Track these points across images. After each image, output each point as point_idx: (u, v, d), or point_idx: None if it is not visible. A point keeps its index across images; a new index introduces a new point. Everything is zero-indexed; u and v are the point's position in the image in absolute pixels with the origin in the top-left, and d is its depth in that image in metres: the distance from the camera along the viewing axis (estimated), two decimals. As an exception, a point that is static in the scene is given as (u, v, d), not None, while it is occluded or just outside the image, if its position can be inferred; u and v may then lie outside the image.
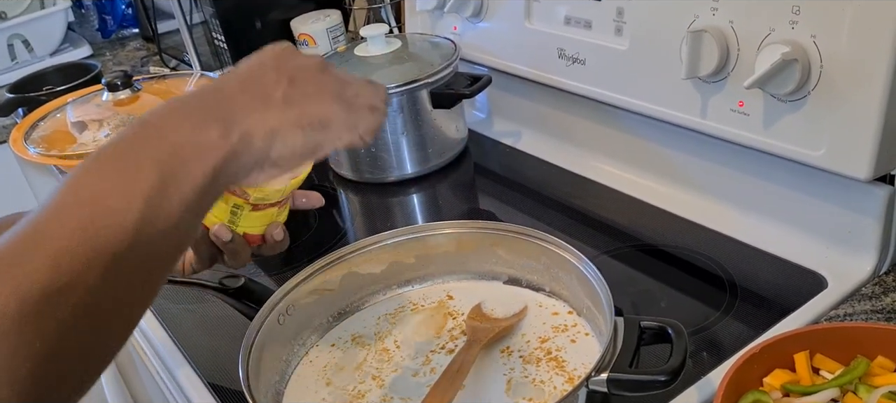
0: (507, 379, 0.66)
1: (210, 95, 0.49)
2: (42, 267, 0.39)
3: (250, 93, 0.50)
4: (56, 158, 1.17)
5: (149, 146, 0.45)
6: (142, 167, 0.43)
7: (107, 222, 0.41)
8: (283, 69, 0.52)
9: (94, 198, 0.42)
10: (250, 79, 0.51)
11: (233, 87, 0.50)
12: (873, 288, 0.74)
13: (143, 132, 0.46)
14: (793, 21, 0.69)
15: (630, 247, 0.86)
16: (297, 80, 0.51)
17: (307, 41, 1.30)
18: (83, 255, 0.40)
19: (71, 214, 0.41)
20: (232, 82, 0.50)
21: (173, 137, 0.45)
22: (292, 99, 0.51)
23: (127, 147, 0.45)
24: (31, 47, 1.76)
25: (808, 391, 0.57)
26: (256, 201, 0.63)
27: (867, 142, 0.67)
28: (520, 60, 1.02)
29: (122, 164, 0.44)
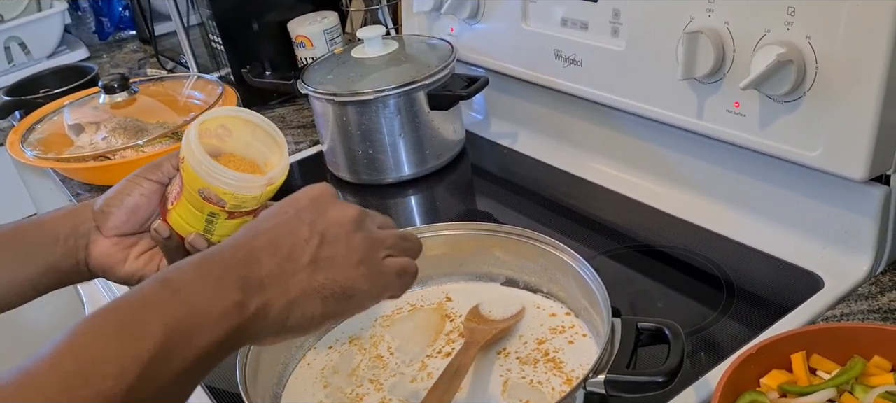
0: (504, 381, 0.67)
1: (238, 252, 0.49)
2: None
3: (279, 255, 0.49)
4: (53, 161, 1.17)
5: (161, 307, 0.44)
6: (148, 331, 0.43)
7: (97, 388, 0.41)
8: (317, 224, 0.51)
9: (90, 363, 0.41)
10: (282, 234, 0.50)
11: (262, 243, 0.49)
12: (870, 288, 0.74)
13: (160, 291, 0.46)
14: (788, 22, 0.69)
15: (627, 248, 0.86)
16: (328, 240, 0.51)
17: (304, 43, 1.30)
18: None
19: (62, 376, 0.41)
20: (263, 236, 0.50)
21: (190, 300, 0.45)
22: (319, 263, 0.50)
23: (139, 305, 0.45)
24: (27, 50, 1.76)
25: (805, 391, 0.57)
26: (232, 209, 0.61)
27: (863, 142, 0.68)
28: (517, 62, 1.02)
29: (127, 327, 0.43)
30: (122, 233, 0.65)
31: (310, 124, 1.29)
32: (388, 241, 0.54)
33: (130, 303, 0.45)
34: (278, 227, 0.51)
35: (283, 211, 0.52)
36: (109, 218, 0.64)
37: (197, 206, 0.61)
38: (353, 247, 0.51)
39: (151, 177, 0.65)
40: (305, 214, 0.52)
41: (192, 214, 0.62)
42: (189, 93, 1.33)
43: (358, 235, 0.52)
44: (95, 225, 0.64)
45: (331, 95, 1.03)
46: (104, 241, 0.64)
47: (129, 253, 0.65)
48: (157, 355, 0.42)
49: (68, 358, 0.41)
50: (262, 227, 0.51)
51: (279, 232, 0.50)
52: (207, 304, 0.45)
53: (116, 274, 0.65)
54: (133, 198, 0.64)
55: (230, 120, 0.62)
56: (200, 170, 0.59)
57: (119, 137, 1.19)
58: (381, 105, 1.01)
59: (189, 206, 0.62)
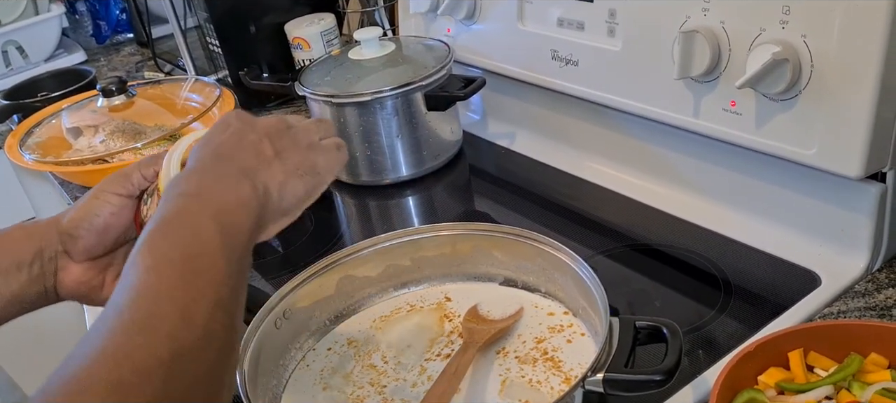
0: (503, 380, 0.67)
1: (218, 159, 0.54)
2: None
3: (249, 153, 0.55)
4: (51, 165, 1.17)
5: (199, 210, 0.49)
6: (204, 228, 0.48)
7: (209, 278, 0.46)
8: (257, 131, 0.57)
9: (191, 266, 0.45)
10: (238, 143, 0.55)
11: (229, 150, 0.55)
12: (866, 285, 0.75)
13: (187, 201, 0.50)
14: (783, 21, 0.70)
15: (624, 247, 0.86)
16: (275, 137, 0.57)
17: (301, 45, 1.30)
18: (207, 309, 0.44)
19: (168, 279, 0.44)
20: (224, 148, 0.55)
21: (216, 197, 0.51)
22: (282, 154, 0.56)
23: (183, 217, 0.49)
24: (25, 53, 1.76)
25: (803, 388, 0.57)
26: None
27: (858, 140, 0.68)
28: (513, 62, 1.02)
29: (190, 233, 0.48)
30: (94, 256, 0.61)
31: (308, 126, 1.29)
32: (312, 127, 0.61)
33: (170, 217, 0.49)
34: (231, 140, 0.56)
35: (220, 131, 0.57)
36: (79, 241, 0.60)
37: None
38: (296, 139, 0.58)
39: (120, 192, 0.61)
40: (243, 127, 0.57)
41: None
42: (187, 95, 1.33)
43: (292, 130, 0.59)
44: (63, 250, 0.60)
45: (328, 97, 1.03)
46: (75, 267, 0.60)
47: (104, 276, 0.62)
48: (223, 245, 0.47)
49: (165, 265, 0.45)
50: (215, 143, 0.56)
51: (234, 142, 0.56)
52: (230, 195, 0.51)
53: (95, 299, 0.62)
54: (102, 219, 0.60)
55: None
56: None
57: (117, 140, 1.20)
58: (378, 106, 1.01)
59: None
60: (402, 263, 0.79)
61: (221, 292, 0.45)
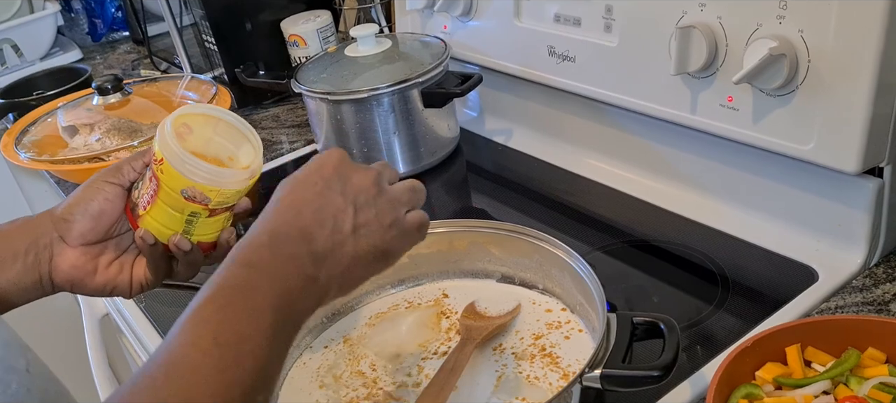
0: (500, 377, 0.67)
1: (293, 231, 0.53)
2: None
3: (327, 228, 0.53)
4: (47, 163, 1.17)
5: (261, 288, 0.49)
6: (260, 307, 0.48)
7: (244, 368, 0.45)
8: (347, 193, 0.55)
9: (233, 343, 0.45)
10: (323, 208, 0.54)
11: (310, 219, 0.53)
12: (863, 280, 0.75)
13: (251, 275, 0.49)
14: (780, 16, 0.70)
15: (622, 243, 0.86)
16: (361, 207, 0.55)
17: (298, 42, 1.30)
18: None
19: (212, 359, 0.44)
20: (307, 211, 0.54)
21: (278, 278, 0.50)
22: (360, 231, 0.55)
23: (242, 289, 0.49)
24: (20, 52, 1.76)
25: (800, 383, 0.57)
26: (215, 206, 0.61)
27: (855, 135, 0.68)
28: (510, 58, 1.02)
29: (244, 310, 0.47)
30: (88, 242, 0.61)
31: (304, 123, 1.29)
32: (404, 198, 0.58)
33: (238, 289, 0.48)
34: (317, 201, 0.54)
35: (312, 182, 0.55)
36: (73, 226, 0.60)
37: (177, 208, 0.59)
38: (382, 211, 0.56)
39: (113, 181, 0.62)
40: (334, 184, 0.55)
41: (171, 216, 0.60)
42: (183, 93, 1.32)
43: (382, 198, 0.56)
44: (58, 236, 0.61)
45: (325, 94, 1.03)
46: (70, 252, 0.61)
47: (97, 263, 0.62)
48: (274, 329, 0.47)
49: (212, 346, 0.44)
50: (301, 200, 0.54)
51: (319, 205, 0.54)
52: (296, 282, 0.50)
53: (87, 286, 0.62)
54: (97, 204, 0.61)
55: (190, 117, 0.61)
56: (184, 170, 0.58)
57: (113, 138, 1.19)
58: (375, 103, 1.01)
59: (167, 209, 0.60)
60: (400, 260, 0.78)
61: (261, 378, 0.46)
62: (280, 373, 0.50)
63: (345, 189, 0.55)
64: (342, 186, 0.55)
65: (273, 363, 0.47)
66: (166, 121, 0.60)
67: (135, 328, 0.87)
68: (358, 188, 0.56)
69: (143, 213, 0.61)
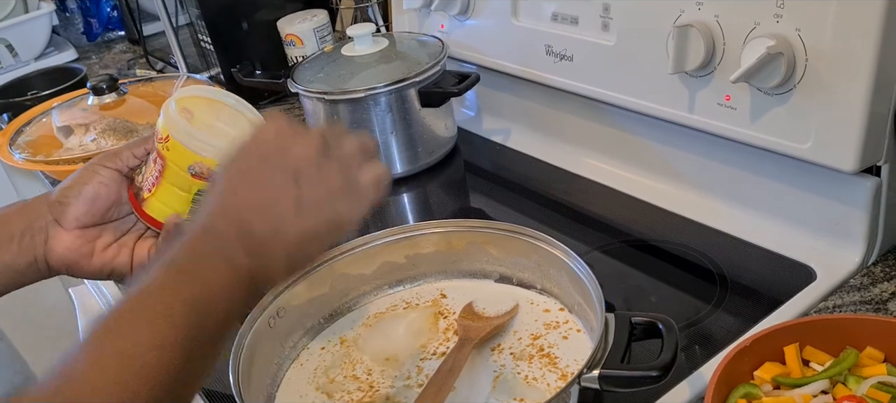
0: (498, 377, 0.66)
1: (230, 223, 0.50)
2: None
3: (266, 214, 0.50)
4: (42, 164, 1.16)
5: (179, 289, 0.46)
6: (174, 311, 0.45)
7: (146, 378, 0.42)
8: (287, 167, 0.51)
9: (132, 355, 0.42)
10: (261, 191, 0.51)
11: (247, 208, 0.50)
12: (861, 279, 0.75)
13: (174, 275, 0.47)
14: (777, 15, 0.70)
15: (620, 243, 0.86)
16: (304, 180, 0.51)
17: (294, 41, 1.30)
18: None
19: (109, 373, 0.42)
20: (244, 200, 0.51)
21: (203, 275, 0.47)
22: (305, 206, 0.51)
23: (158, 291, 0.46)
24: (15, 52, 1.75)
25: (799, 383, 0.57)
26: None
27: (853, 134, 0.68)
28: (507, 58, 1.02)
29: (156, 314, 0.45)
30: (83, 225, 0.61)
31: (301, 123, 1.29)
32: (354, 156, 0.55)
33: (151, 291, 0.46)
34: (254, 185, 0.52)
35: (249, 165, 0.52)
36: (68, 209, 0.61)
37: (184, 186, 0.59)
38: (329, 178, 0.52)
39: (110, 165, 0.62)
40: (273, 160, 0.52)
41: (177, 196, 0.59)
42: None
43: (329, 165, 0.53)
44: (53, 219, 0.61)
45: (321, 94, 1.02)
46: (65, 235, 0.61)
47: (94, 246, 0.62)
48: (189, 333, 0.44)
49: (110, 357, 0.42)
50: (238, 187, 0.52)
51: (256, 189, 0.51)
52: (219, 278, 0.48)
53: (83, 269, 0.62)
54: (92, 187, 0.61)
55: (192, 101, 0.60)
56: (192, 144, 0.57)
57: (109, 139, 1.19)
58: (372, 103, 1.01)
59: (173, 189, 0.59)
60: (397, 261, 0.78)
61: (171, 388, 0.43)
62: (200, 379, 0.47)
63: (285, 163, 0.52)
64: (282, 161, 0.52)
65: (189, 370, 0.44)
66: (170, 101, 0.59)
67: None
68: (300, 159, 0.52)
69: (147, 196, 0.61)
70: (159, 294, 0.46)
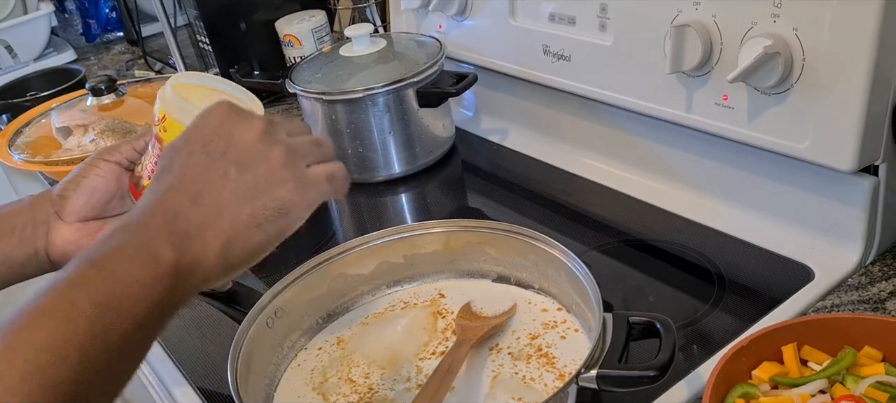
0: (496, 377, 0.66)
1: (157, 211, 0.47)
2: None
3: (199, 201, 0.47)
4: (41, 164, 1.16)
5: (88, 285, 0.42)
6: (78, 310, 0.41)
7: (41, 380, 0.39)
8: (228, 153, 0.49)
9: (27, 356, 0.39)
10: (196, 177, 0.48)
11: (179, 194, 0.48)
12: (859, 278, 0.75)
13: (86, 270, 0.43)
14: (774, 14, 0.70)
15: (618, 243, 0.86)
16: (245, 166, 0.49)
17: (292, 42, 1.30)
18: None
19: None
20: (177, 186, 0.48)
21: (117, 272, 0.43)
22: (243, 194, 0.48)
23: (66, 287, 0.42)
24: (14, 53, 1.75)
25: (797, 382, 0.57)
26: None
27: (850, 133, 0.68)
28: (505, 58, 1.02)
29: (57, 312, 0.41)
30: (83, 218, 0.62)
31: (299, 123, 1.29)
32: (304, 149, 0.52)
33: (57, 287, 0.42)
34: (190, 171, 0.49)
35: (188, 150, 0.50)
36: (68, 202, 0.62)
37: None
38: (272, 164, 0.49)
39: (109, 158, 0.63)
40: (213, 146, 0.49)
41: None
42: (177, 94, 1.32)
43: (273, 150, 0.50)
44: (54, 212, 0.62)
45: (319, 94, 1.02)
46: (66, 229, 0.61)
47: (95, 239, 0.62)
48: (93, 333, 0.41)
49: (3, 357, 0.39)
50: (174, 175, 0.49)
51: (192, 175, 0.48)
52: (136, 272, 0.44)
53: None
54: (90, 180, 0.62)
55: (187, 89, 0.60)
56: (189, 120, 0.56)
57: (107, 139, 1.19)
58: (370, 103, 1.01)
59: None
60: (395, 261, 0.78)
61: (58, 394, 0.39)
62: (117, 382, 0.43)
63: (227, 150, 0.49)
64: (223, 146, 0.49)
65: (97, 372, 0.41)
66: (166, 85, 0.59)
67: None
68: (241, 144, 0.49)
69: (147, 182, 0.61)
70: (66, 290, 0.42)
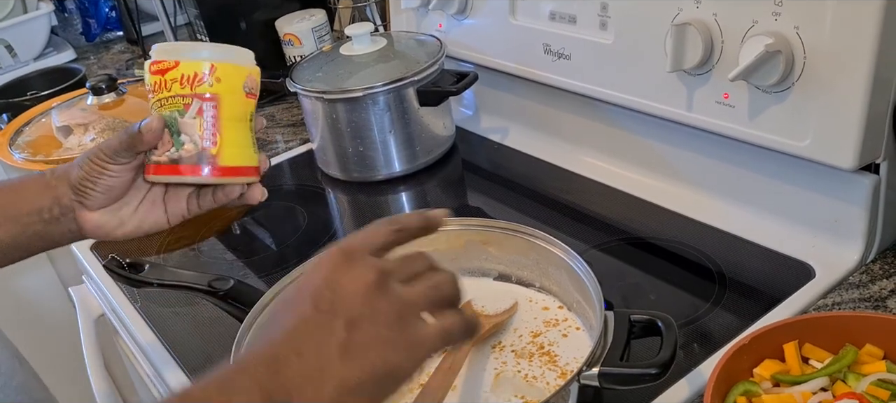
0: (498, 375, 0.67)
1: (262, 359, 0.44)
2: None
3: (304, 354, 0.44)
4: (42, 163, 1.16)
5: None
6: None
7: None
8: (336, 306, 0.45)
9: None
10: (303, 327, 0.45)
11: (285, 345, 0.45)
12: (860, 276, 0.75)
13: None
14: (776, 13, 0.70)
15: (619, 241, 0.86)
16: (355, 320, 0.45)
17: (292, 41, 1.30)
18: None
19: None
20: (284, 336, 0.45)
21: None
22: (352, 352, 0.44)
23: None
24: (14, 52, 1.75)
25: (798, 380, 0.57)
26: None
27: (851, 131, 0.68)
28: (505, 56, 1.02)
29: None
30: (105, 206, 0.64)
31: (299, 122, 1.29)
32: (419, 300, 0.48)
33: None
34: (298, 321, 0.46)
35: (300, 300, 0.47)
36: (87, 199, 0.63)
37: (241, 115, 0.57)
38: (382, 322, 0.45)
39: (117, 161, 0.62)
40: (322, 297, 0.46)
41: (239, 131, 0.58)
42: (177, 93, 1.32)
43: (383, 302, 0.46)
44: (78, 201, 0.64)
45: (320, 93, 1.02)
46: (91, 215, 0.64)
47: (121, 214, 0.65)
48: None
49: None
50: (282, 325, 0.46)
51: (299, 325, 0.45)
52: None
53: (117, 236, 0.66)
54: (105, 181, 0.63)
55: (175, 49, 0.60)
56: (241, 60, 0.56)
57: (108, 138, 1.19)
58: (370, 102, 1.01)
59: (236, 123, 0.57)
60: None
61: None
62: None
63: (334, 301, 0.45)
64: (332, 297, 0.46)
65: None
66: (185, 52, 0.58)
67: (130, 328, 0.87)
68: (351, 295, 0.46)
69: (216, 150, 0.57)
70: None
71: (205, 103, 0.57)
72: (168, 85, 0.59)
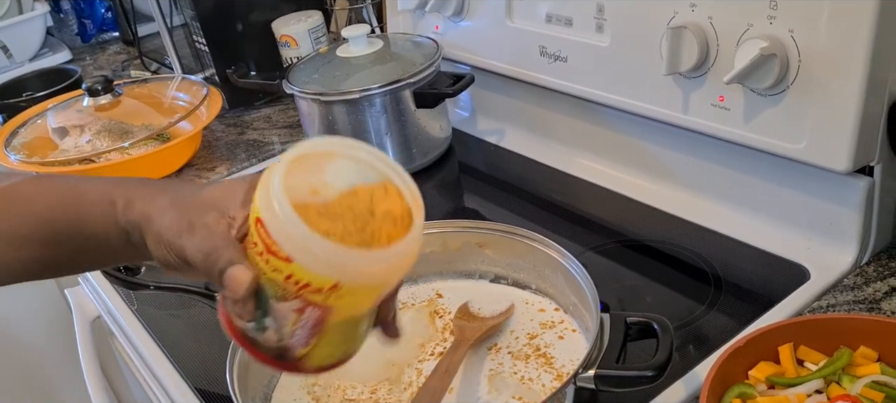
0: (495, 377, 0.67)
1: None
2: None
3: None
4: (37, 165, 1.16)
5: None
6: None
7: None
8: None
9: None
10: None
11: None
12: (855, 279, 0.75)
13: None
14: (770, 16, 0.70)
15: (615, 243, 0.86)
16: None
17: (289, 42, 1.30)
18: None
19: None
20: None
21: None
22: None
23: None
24: (9, 53, 1.75)
25: (793, 382, 0.57)
26: None
27: (846, 134, 0.68)
28: (502, 58, 1.02)
29: None
30: None
31: (296, 124, 1.29)
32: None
33: None
34: None
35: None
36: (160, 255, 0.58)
37: (357, 319, 0.46)
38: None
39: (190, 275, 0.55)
40: None
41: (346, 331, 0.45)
42: (174, 94, 1.32)
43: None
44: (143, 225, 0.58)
45: (316, 95, 1.02)
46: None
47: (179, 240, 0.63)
48: None
49: None
50: None
51: None
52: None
53: None
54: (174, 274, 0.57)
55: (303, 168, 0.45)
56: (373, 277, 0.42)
57: (104, 140, 1.19)
58: (367, 104, 1.01)
59: (343, 328, 0.44)
60: (393, 261, 0.78)
61: None
62: None
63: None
64: None
65: None
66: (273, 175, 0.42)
67: (126, 330, 0.87)
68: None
69: (302, 353, 0.44)
70: None
71: (311, 308, 0.43)
72: (270, 262, 0.43)
